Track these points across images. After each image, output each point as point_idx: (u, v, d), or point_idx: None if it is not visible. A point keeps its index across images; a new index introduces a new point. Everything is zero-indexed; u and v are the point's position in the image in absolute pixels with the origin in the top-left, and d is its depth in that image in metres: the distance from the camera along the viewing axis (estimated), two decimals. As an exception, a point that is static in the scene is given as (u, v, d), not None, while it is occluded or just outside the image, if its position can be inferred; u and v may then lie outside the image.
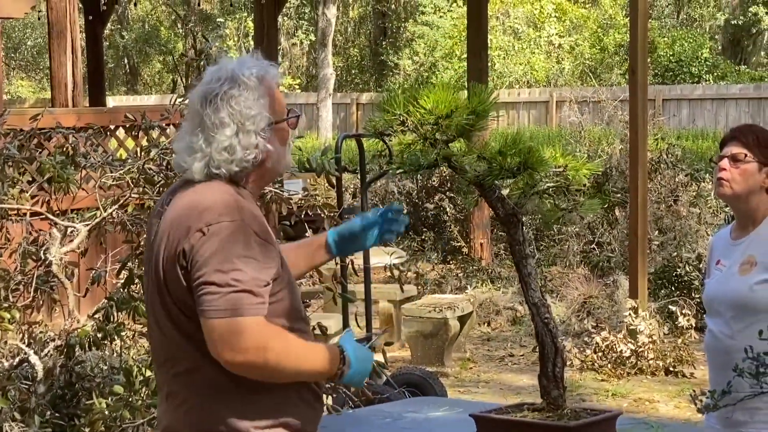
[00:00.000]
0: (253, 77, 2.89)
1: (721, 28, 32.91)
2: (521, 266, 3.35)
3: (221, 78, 2.88)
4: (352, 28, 37.13)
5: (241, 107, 2.85)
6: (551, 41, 30.08)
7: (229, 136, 2.84)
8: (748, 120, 24.57)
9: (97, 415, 4.59)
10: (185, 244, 2.76)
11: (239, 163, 2.85)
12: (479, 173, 3.30)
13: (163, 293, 2.84)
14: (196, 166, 2.86)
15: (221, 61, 2.97)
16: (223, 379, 2.80)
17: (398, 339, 9.90)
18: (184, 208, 2.82)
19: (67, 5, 12.15)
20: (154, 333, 2.94)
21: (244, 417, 2.81)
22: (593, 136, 14.56)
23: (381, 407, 4.63)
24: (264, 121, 2.88)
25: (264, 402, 2.83)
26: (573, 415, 3.26)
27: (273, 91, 2.93)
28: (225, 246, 2.73)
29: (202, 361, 2.80)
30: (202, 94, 2.88)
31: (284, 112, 2.97)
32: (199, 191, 2.84)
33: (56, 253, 5.20)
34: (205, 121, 2.86)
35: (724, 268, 3.90)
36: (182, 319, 2.82)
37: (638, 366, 8.87)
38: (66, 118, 8.88)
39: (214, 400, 2.82)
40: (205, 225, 2.75)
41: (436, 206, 13.71)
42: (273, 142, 2.91)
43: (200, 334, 2.78)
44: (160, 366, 2.93)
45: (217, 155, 2.84)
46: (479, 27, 12.87)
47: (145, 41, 37.20)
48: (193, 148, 2.87)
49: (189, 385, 2.84)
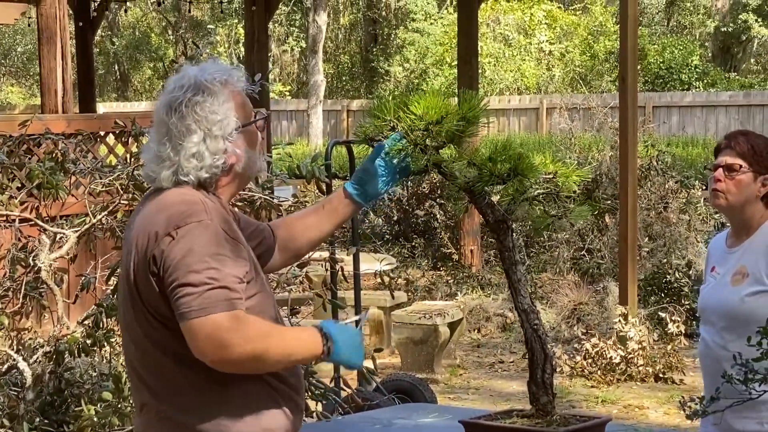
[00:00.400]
0: (216, 82, 2.88)
1: (711, 36, 32.99)
2: (511, 272, 3.35)
3: (184, 85, 2.87)
4: (342, 35, 37.15)
5: (206, 113, 2.84)
6: (542, 48, 30.12)
7: (197, 143, 2.83)
8: (738, 127, 24.63)
9: (86, 422, 4.58)
10: (155, 250, 2.74)
11: (209, 169, 2.85)
12: (469, 179, 3.30)
13: (135, 302, 2.82)
14: (164, 174, 2.85)
15: (183, 68, 2.96)
16: (196, 388, 2.79)
17: (388, 345, 9.89)
18: (151, 214, 2.81)
19: (57, 11, 12.12)
20: (126, 343, 2.93)
21: (219, 427, 2.80)
22: (583, 142, 14.57)
23: (370, 414, 4.63)
24: (231, 125, 2.87)
25: (239, 411, 2.81)
26: (562, 421, 3.26)
27: (238, 95, 2.92)
28: (195, 247, 2.71)
29: (174, 370, 2.79)
30: (166, 103, 2.87)
31: (251, 114, 2.96)
32: (164, 197, 2.83)
33: (45, 259, 5.19)
34: (172, 129, 2.85)
35: (718, 276, 3.90)
36: (154, 326, 2.80)
37: (628, 372, 8.88)
38: (55, 125, 8.87)
39: (188, 410, 2.80)
40: (174, 228, 2.74)
41: (426, 213, 13.71)
42: (241, 145, 2.91)
43: (172, 343, 2.76)
44: (133, 377, 2.91)
45: (185, 163, 2.83)
46: (470, 34, 12.88)
47: (135, 48, 37.18)
48: (161, 158, 2.86)
49: (162, 396, 2.82)
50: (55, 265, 5.31)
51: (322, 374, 6.67)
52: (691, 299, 10.36)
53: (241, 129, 2.90)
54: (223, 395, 2.80)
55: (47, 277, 5.19)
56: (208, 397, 2.80)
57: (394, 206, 13.99)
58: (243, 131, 2.91)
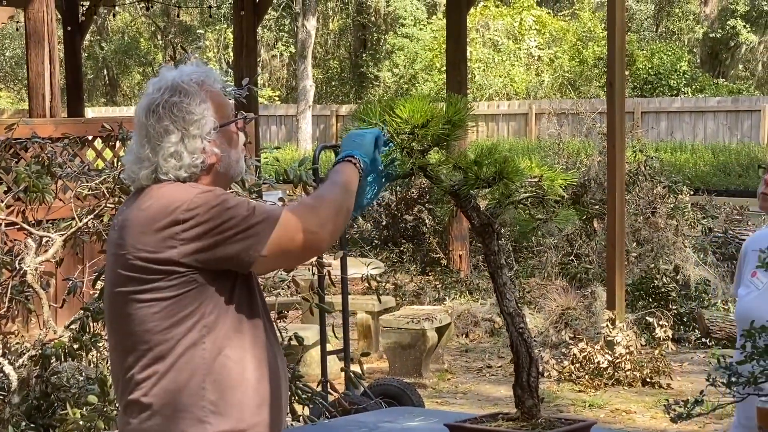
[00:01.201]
0: (192, 83, 2.92)
1: (699, 42, 33.09)
2: (496, 276, 3.35)
3: (161, 88, 2.91)
4: (332, 40, 37.17)
5: (183, 113, 2.88)
6: (531, 53, 30.17)
7: (175, 143, 2.87)
8: (726, 132, 24.71)
9: (71, 425, 4.57)
10: (172, 252, 2.76)
11: (188, 169, 2.88)
12: (455, 183, 3.31)
13: (127, 299, 2.82)
14: (143, 173, 2.88)
15: (162, 71, 2.99)
16: (183, 384, 2.80)
17: (376, 350, 9.89)
18: (148, 214, 2.81)
19: (45, 15, 12.10)
20: (113, 344, 2.93)
21: (205, 421, 2.81)
22: (572, 148, 14.61)
23: (357, 417, 4.62)
24: (208, 125, 2.90)
25: (223, 409, 2.83)
26: (547, 424, 3.26)
27: (215, 95, 2.95)
28: (213, 210, 2.77)
29: (166, 366, 2.80)
30: (145, 105, 2.91)
31: (229, 115, 2.99)
32: (151, 197, 2.84)
33: (31, 262, 5.18)
34: (150, 131, 2.88)
35: (761, 285, 3.80)
36: (152, 315, 2.80)
37: (615, 377, 8.89)
38: (43, 129, 8.85)
39: (176, 407, 2.81)
40: (182, 214, 2.76)
41: (415, 218, 13.72)
42: (221, 145, 2.93)
43: (171, 330, 2.78)
44: (120, 377, 2.90)
45: (163, 162, 2.86)
46: (458, 39, 12.90)
47: (124, 52, 37.17)
48: (141, 158, 2.89)
49: (149, 393, 2.82)
50: (42, 268, 5.30)
51: (309, 378, 6.67)
52: (678, 304, 10.39)
53: (219, 129, 2.93)
54: (208, 391, 2.83)
55: (33, 280, 5.18)
56: (194, 392, 2.82)
57: (382, 211, 14.00)
58: (222, 131, 2.94)
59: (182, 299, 2.80)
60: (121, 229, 2.87)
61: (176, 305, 2.80)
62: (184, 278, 2.79)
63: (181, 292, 2.79)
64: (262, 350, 2.91)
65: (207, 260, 2.78)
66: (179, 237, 2.76)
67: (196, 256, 2.77)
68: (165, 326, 2.80)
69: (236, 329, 2.86)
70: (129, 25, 37.93)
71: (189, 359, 2.81)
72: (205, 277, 2.80)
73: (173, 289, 2.79)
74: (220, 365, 2.83)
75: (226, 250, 2.77)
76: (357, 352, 9.02)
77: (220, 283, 2.83)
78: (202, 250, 2.76)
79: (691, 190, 13.17)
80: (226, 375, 2.83)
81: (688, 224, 11.80)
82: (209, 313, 2.82)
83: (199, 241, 2.76)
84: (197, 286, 2.80)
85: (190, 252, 2.76)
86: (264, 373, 2.90)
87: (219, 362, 2.83)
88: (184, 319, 2.80)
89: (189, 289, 2.79)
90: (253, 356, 2.88)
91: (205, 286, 2.81)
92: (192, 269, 2.78)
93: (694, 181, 17.83)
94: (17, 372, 5.00)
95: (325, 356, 6.75)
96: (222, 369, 2.83)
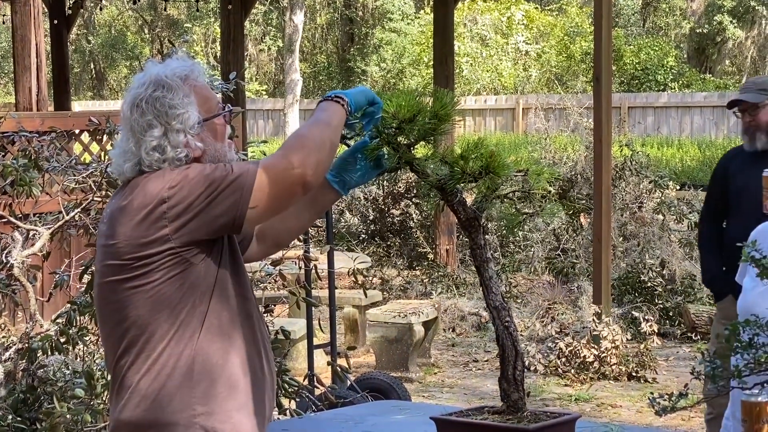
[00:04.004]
0: (176, 77, 2.95)
1: (686, 37, 33.13)
2: (482, 270, 3.37)
3: (145, 83, 2.95)
4: (319, 35, 37.12)
5: (165, 108, 2.91)
6: (518, 48, 30.18)
7: (158, 137, 2.90)
8: (712, 128, 24.76)
9: (58, 419, 4.57)
10: (164, 231, 2.79)
11: (171, 162, 2.90)
12: (441, 177, 3.32)
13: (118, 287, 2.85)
14: (127, 166, 2.93)
15: (147, 66, 3.03)
16: (172, 370, 2.83)
17: (363, 344, 9.90)
18: (135, 202, 2.85)
19: (32, 9, 12.08)
20: (104, 334, 2.96)
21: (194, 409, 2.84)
22: (559, 142, 14.62)
23: (343, 410, 4.64)
24: (192, 119, 2.93)
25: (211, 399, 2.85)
26: (532, 417, 3.28)
27: (199, 88, 2.98)
28: (192, 180, 2.81)
29: (158, 352, 2.83)
30: (130, 100, 2.95)
31: (215, 108, 3.01)
32: (136, 186, 2.88)
33: (18, 256, 5.17)
34: (134, 125, 2.92)
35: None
36: (149, 290, 2.83)
37: (601, 371, 8.92)
38: (29, 123, 8.83)
39: (165, 393, 2.83)
40: (166, 192, 2.80)
41: (402, 212, 13.72)
42: (206, 139, 2.96)
43: (163, 315, 2.81)
44: (112, 365, 2.92)
45: (146, 156, 2.90)
46: (445, 34, 12.90)
47: (111, 46, 37.06)
48: (126, 152, 2.93)
49: (140, 379, 2.85)
50: (28, 262, 5.29)
51: (296, 372, 6.68)
52: (664, 299, 10.42)
53: (204, 122, 2.96)
54: (199, 371, 2.87)
55: (20, 274, 5.18)
56: (190, 372, 2.86)
57: (369, 205, 14.00)
58: (207, 125, 2.97)
59: (174, 282, 2.82)
60: (109, 221, 2.91)
61: (168, 287, 2.83)
62: (177, 259, 2.82)
63: (174, 274, 2.82)
64: (251, 340, 2.94)
65: (199, 228, 2.81)
66: (168, 215, 2.80)
67: (189, 227, 2.80)
68: (157, 311, 2.83)
69: (229, 318, 2.90)
70: (116, 18, 37.82)
71: (179, 345, 2.84)
72: (196, 258, 2.83)
73: (165, 272, 2.82)
74: (209, 352, 2.86)
75: (215, 210, 2.80)
76: (344, 346, 9.03)
77: (211, 268, 2.86)
78: (192, 219, 2.80)
79: (677, 185, 13.20)
80: (216, 363, 2.86)
81: (675, 219, 11.83)
82: (200, 299, 2.85)
83: (187, 212, 2.80)
84: (189, 267, 2.83)
85: (181, 225, 2.80)
86: (254, 363, 2.93)
87: (209, 349, 2.86)
88: (176, 304, 2.83)
89: (180, 270, 2.82)
90: (243, 345, 2.91)
91: (196, 268, 2.84)
92: (186, 247, 2.81)
93: (680, 175, 17.87)
94: (3, 365, 4.99)
95: (312, 350, 6.76)
96: (211, 356, 2.86)
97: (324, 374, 7.32)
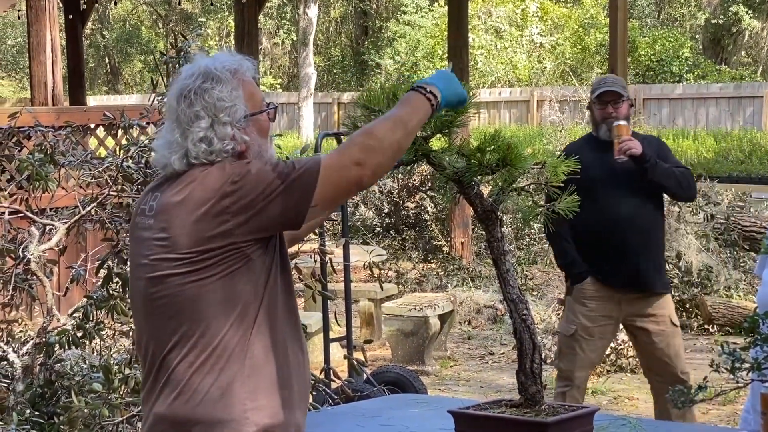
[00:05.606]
0: (225, 71, 2.94)
1: (701, 28, 33.03)
2: (499, 263, 3.35)
3: (194, 74, 2.94)
4: (333, 28, 37.14)
5: (214, 100, 2.90)
6: (533, 40, 30.13)
7: (204, 128, 2.88)
8: (728, 119, 24.69)
9: (75, 413, 4.58)
10: (227, 225, 2.78)
11: (219, 154, 2.89)
12: (458, 170, 3.30)
13: (172, 281, 2.82)
14: (173, 158, 2.90)
15: (196, 57, 3.03)
16: (235, 358, 2.81)
17: (378, 338, 9.90)
18: (194, 196, 2.82)
19: (47, 4, 12.10)
20: (149, 329, 2.92)
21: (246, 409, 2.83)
22: (574, 134, 14.58)
23: (359, 404, 4.63)
24: (239, 112, 2.92)
25: (262, 397, 2.85)
26: (550, 410, 3.27)
27: (247, 84, 2.97)
28: (255, 175, 2.79)
29: (212, 347, 2.81)
30: (177, 91, 2.94)
31: (260, 104, 3.00)
32: (193, 179, 2.85)
33: (35, 250, 5.18)
34: (180, 116, 2.91)
35: None
36: (207, 282, 2.81)
37: (618, 363, 8.90)
38: (45, 117, 8.85)
39: (223, 391, 2.81)
40: (228, 187, 2.79)
41: (417, 205, 13.72)
42: (251, 133, 2.95)
43: (218, 310, 2.80)
44: (157, 359, 2.88)
45: (193, 147, 2.88)
46: (460, 26, 12.88)
47: (126, 41, 37.15)
48: (171, 143, 2.91)
49: (198, 368, 2.82)
50: (45, 256, 5.30)
51: (312, 366, 6.68)
52: (680, 291, 10.38)
53: (250, 117, 2.95)
54: (253, 360, 2.86)
55: (37, 268, 5.19)
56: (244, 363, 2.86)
57: (384, 198, 14.00)
58: (253, 120, 2.96)
59: (233, 276, 2.81)
60: (161, 214, 2.87)
61: (227, 282, 2.81)
62: (237, 254, 2.81)
63: (234, 269, 2.81)
64: (295, 336, 2.95)
65: (261, 224, 2.80)
66: (230, 210, 2.79)
67: (251, 223, 2.79)
68: (214, 305, 2.81)
69: (278, 313, 2.89)
70: (130, 13, 37.90)
71: (233, 340, 2.82)
72: (255, 253, 2.82)
73: (225, 267, 2.81)
74: (261, 348, 2.85)
75: (278, 208, 2.79)
76: (359, 339, 9.03)
77: (266, 263, 2.86)
78: (255, 215, 2.79)
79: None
80: (266, 358, 2.85)
81: (691, 211, 11.79)
82: (255, 295, 2.85)
83: (250, 208, 2.78)
84: (248, 263, 2.82)
85: (244, 221, 2.79)
86: (298, 358, 2.94)
87: (260, 345, 2.85)
88: (234, 298, 2.82)
89: (240, 265, 2.81)
90: (288, 340, 2.91)
91: (255, 263, 2.83)
92: (246, 242, 2.81)
93: (696, 167, 17.81)
94: (21, 360, 5.01)
95: (328, 343, 6.76)
96: (262, 351, 2.85)
97: (340, 368, 7.32)
